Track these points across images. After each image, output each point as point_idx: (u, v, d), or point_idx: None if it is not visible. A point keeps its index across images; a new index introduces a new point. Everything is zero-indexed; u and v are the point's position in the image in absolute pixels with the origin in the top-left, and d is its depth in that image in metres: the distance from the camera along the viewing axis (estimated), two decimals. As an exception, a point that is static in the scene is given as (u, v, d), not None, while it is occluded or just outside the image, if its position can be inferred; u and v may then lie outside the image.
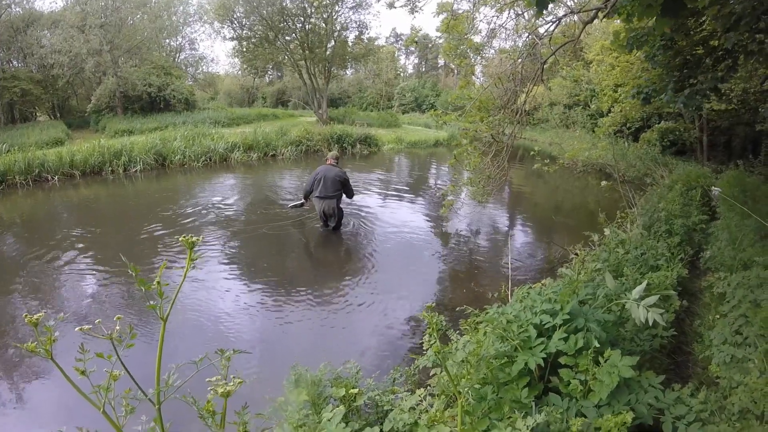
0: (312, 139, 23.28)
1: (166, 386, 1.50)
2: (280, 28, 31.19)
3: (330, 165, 9.32)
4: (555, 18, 8.80)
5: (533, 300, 3.21)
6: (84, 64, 28.52)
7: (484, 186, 8.95)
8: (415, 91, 56.07)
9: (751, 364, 3.00)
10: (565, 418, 2.31)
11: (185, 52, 44.78)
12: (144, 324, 5.71)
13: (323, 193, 9.05)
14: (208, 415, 1.55)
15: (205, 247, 8.60)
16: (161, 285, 1.45)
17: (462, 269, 8.26)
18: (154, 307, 1.46)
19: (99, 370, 1.45)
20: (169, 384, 1.50)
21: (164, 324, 1.51)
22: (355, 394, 3.47)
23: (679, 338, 4.49)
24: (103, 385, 1.43)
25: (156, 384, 1.50)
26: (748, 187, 9.72)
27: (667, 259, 5.56)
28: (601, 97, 23.44)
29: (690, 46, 8.22)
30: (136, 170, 17.02)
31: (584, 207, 14.11)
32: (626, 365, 2.47)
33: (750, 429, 2.24)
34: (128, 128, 25.40)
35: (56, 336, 1.36)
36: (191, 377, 1.55)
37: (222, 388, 1.54)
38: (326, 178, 9.06)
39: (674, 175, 13.97)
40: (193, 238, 1.54)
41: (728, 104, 16.75)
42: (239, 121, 31.55)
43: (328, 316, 6.20)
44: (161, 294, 1.45)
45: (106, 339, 1.41)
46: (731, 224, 7.05)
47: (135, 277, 1.39)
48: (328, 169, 9.20)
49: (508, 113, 8.77)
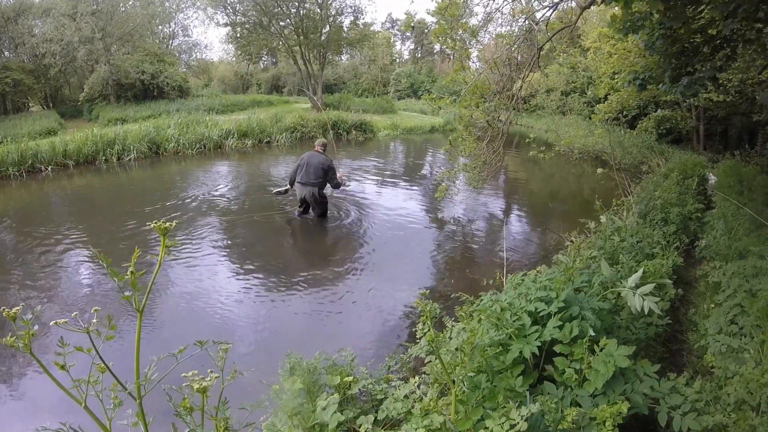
0: (307, 126, 23.12)
1: (146, 380, 1.46)
2: (274, 14, 30.87)
3: (316, 152, 9.12)
4: (552, 3, 8.70)
5: (528, 287, 3.17)
6: (76, 53, 28.22)
7: (479, 172, 8.90)
8: (410, 77, 55.75)
9: (746, 355, 2.98)
10: (559, 408, 2.29)
11: (178, 38, 44.44)
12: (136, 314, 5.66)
13: (305, 179, 8.92)
14: (185, 412, 1.51)
15: (198, 234, 8.53)
16: (135, 275, 1.39)
17: (457, 256, 8.23)
18: (128, 298, 1.41)
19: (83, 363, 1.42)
20: (148, 378, 1.47)
21: (140, 315, 1.46)
22: (349, 382, 3.45)
23: (674, 327, 4.48)
24: (84, 379, 1.40)
25: (135, 378, 1.48)
26: (745, 177, 9.71)
27: (662, 248, 5.55)
28: (598, 84, 23.40)
29: (688, 34, 8.17)
30: (130, 159, 16.85)
31: (580, 194, 14.11)
32: (622, 355, 2.44)
33: (746, 420, 2.22)
34: (121, 116, 25.10)
35: (35, 330, 1.33)
36: (171, 369, 1.52)
37: (198, 383, 1.52)
38: (309, 165, 8.91)
39: (670, 163, 13.97)
40: (167, 224, 1.45)
41: (726, 95, 16.73)
42: (233, 107, 31.28)
43: (323, 302, 6.17)
44: (135, 284, 1.39)
45: (84, 332, 1.37)
46: (727, 213, 7.04)
47: (107, 268, 1.32)
48: (313, 155, 9.03)
49: (503, 99, 8.70)
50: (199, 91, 38.54)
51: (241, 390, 3.49)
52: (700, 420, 2.31)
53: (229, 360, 1.72)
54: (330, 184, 9.12)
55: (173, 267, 7.02)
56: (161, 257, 1.46)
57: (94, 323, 1.41)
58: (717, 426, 2.30)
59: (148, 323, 5.45)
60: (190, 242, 8.10)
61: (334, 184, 9.16)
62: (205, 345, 1.61)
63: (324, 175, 8.92)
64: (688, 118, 21.24)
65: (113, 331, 1.46)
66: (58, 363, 1.39)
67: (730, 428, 2.27)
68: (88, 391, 1.42)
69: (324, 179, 8.96)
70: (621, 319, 3.46)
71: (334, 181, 9.11)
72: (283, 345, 4.82)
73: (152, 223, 1.45)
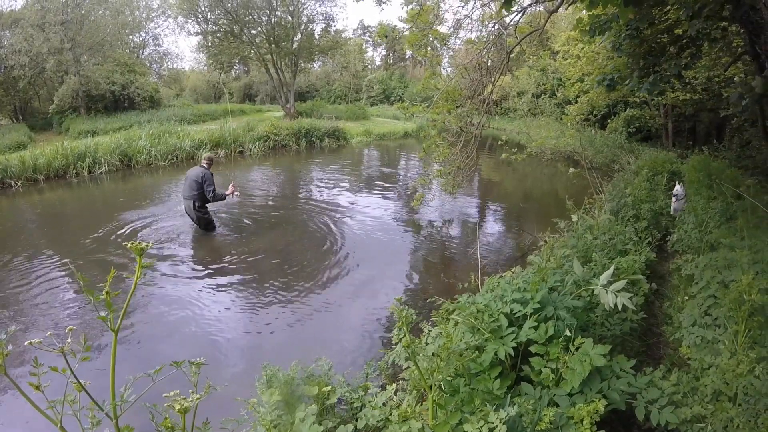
0: (280, 134, 23.00)
1: (122, 400, 1.47)
2: (245, 22, 30.68)
3: (199, 166, 8.98)
4: (520, 7, 8.78)
5: (503, 289, 3.17)
6: (45, 64, 27.50)
7: (453, 177, 8.94)
8: (383, 83, 55.85)
9: (721, 346, 3.00)
10: (537, 408, 2.27)
11: (149, 48, 43.65)
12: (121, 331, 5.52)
13: (183, 194, 8.86)
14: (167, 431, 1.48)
15: (174, 248, 8.39)
16: (110, 295, 1.39)
17: (434, 260, 8.23)
18: (104, 319, 1.42)
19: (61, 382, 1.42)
20: (124, 398, 1.48)
21: (116, 335, 1.47)
22: (327, 392, 3.40)
23: (649, 320, 4.52)
24: (59, 400, 1.40)
25: (111, 397, 1.48)
26: (714, 171, 9.89)
27: (635, 243, 5.62)
28: (568, 86, 23.74)
29: (654, 34, 8.32)
30: (102, 172, 16.46)
31: (553, 194, 14.25)
32: (598, 353, 2.44)
33: (723, 410, 2.23)
34: (92, 128, 24.53)
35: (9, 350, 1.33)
36: (148, 390, 1.50)
37: (179, 404, 1.50)
38: (188, 178, 8.78)
39: (640, 161, 14.21)
40: (143, 244, 1.47)
41: (693, 93, 17.11)
42: (205, 117, 30.86)
43: (300, 312, 6.10)
44: (110, 305, 1.40)
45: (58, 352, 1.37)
46: (697, 207, 7.15)
47: (83, 288, 1.34)
48: (193, 169, 8.90)
49: (475, 103, 8.75)
50: (171, 101, 37.93)
51: (222, 406, 3.41)
52: (678, 413, 2.31)
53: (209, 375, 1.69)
54: (206, 194, 8.71)
55: (149, 284, 6.86)
56: (137, 278, 1.47)
57: (69, 343, 1.41)
58: (695, 417, 2.31)
59: (126, 340, 5.33)
60: (167, 256, 7.95)
61: (210, 196, 8.73)
62: (180, 365, 1.61)
63: (198, 187, 8.65)
64: (657, 116, 21.67)
65: (88, 351, 1.46)
66: (33, 384, 1.37)
67: (708, 419, 2.27)
68: (64, 411, 1.41)
69: (199, 190, 8.67)
70: (596, 316, 3.47)
71: (210, 193, 8.71)
72: (261, 357, 4.75)
73: (128, 244, 1.47)
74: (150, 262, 1.52)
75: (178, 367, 1.60)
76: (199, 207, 8.80)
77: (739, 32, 9.89)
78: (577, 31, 9.56)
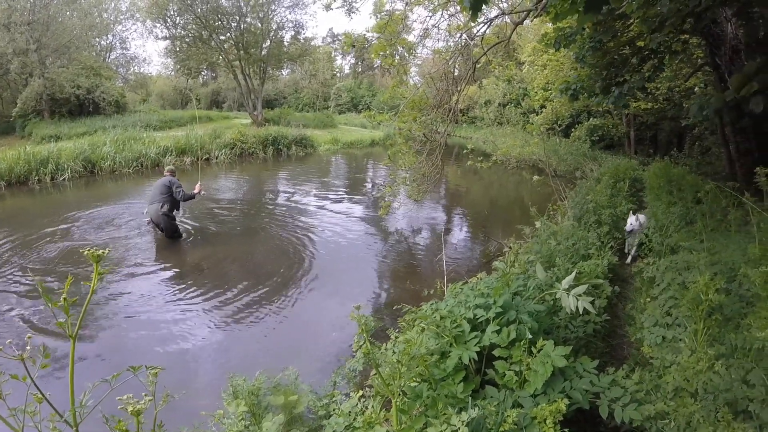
0: (247, 142, 22.81)
1: (81, 406, 1.48)
2: (214, 27, 30.44)
3: (164, 176, 9.23)
4: (487, 19, 8.91)
5: (467, 295, 3.20)
6: (9, 65, 26.70)
7: (419, 184, 8.99)
8: (351, 92, 56.04)
9: (682, 344, 3.07)
10: (501, 410, 2.27)
11: (116, 51, 42.63)
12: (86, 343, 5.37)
13: (150, 200, 9.00)
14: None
15: (139, 257, 8.19)
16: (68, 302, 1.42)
17: (401, 268, 8.22)
18: (62, 325, 1.42)
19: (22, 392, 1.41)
20: (83, 405, 1.49)
21: (74, 341, 1.48)
22: (294, 401, 3.35)
23: (613, 322, 4.60)
24: (20, 408, 1.41)
25: (71, 405, 1.48)
26: (674, 177, 10.16)
27: (597, 248, 5.71)
28: (533, 96, 24.18)
29: (617, 46, 8.54)
30: (64, 178, 16.03)
31: (519, 201, 14.44)
32: (559, 354, 2.47)
33: (685, 407, 2.27)
34: (56, 133, 23.85)
35: None
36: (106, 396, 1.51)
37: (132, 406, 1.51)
38: (155, 187, 9.08)
39: (603, 168, 14.52)
40: (99, 251, 1.51)
41: (654, 103, 17.62)
42: (172, 124, 30.36)
43: (267, 320, 6.03)
44: (67, 311, 1.42)
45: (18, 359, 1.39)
46: (658, 212, 7.32)
47: (42, 295, 1.38)
48: (160, 179, 9.16)
49: (441, 112, 8.82)
50: (137, 106, 37.21)
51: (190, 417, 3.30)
52: (641, 410, 2.35)
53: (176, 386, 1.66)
54: (176, 196, 8.92)
55: (114, 294, 6.68)
56: (93, 284, 1.49)
57: (28, 350, 1.41)
58: (658, 414, 2.34)
59: (91, 353, 5.19)
60: (131, 265, 7.76)
61: (180, 196, 8.95)
62: (137, 370, 1.60)
63: (167, 191, 8.89)
64: (620, 125, 22.25)
65: (47, 359, 1.47)
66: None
67: (670, 415, 2.31)
68: (25, 421, 1.40)
69: (168, 194, 8.88)
70: (559, 319, 3.51)
71: (180, 194, 8.94)
72: (229, 367, 4.68)
73: (85, 251, 1.50)
74: (107, 269, 1.51)
75: (135, 373, 1.57)
76: (167, 212, 8.83)
77: (699, 44, 10.25)
78: (544, 44, 9.75)
